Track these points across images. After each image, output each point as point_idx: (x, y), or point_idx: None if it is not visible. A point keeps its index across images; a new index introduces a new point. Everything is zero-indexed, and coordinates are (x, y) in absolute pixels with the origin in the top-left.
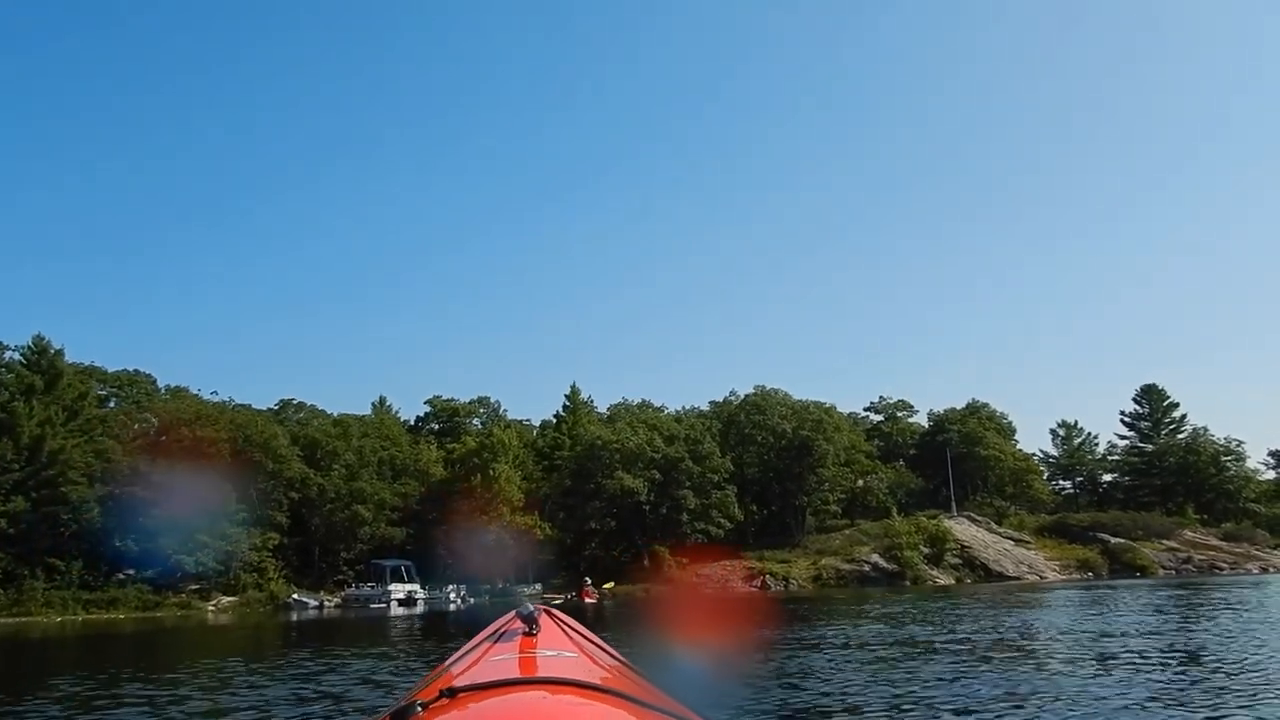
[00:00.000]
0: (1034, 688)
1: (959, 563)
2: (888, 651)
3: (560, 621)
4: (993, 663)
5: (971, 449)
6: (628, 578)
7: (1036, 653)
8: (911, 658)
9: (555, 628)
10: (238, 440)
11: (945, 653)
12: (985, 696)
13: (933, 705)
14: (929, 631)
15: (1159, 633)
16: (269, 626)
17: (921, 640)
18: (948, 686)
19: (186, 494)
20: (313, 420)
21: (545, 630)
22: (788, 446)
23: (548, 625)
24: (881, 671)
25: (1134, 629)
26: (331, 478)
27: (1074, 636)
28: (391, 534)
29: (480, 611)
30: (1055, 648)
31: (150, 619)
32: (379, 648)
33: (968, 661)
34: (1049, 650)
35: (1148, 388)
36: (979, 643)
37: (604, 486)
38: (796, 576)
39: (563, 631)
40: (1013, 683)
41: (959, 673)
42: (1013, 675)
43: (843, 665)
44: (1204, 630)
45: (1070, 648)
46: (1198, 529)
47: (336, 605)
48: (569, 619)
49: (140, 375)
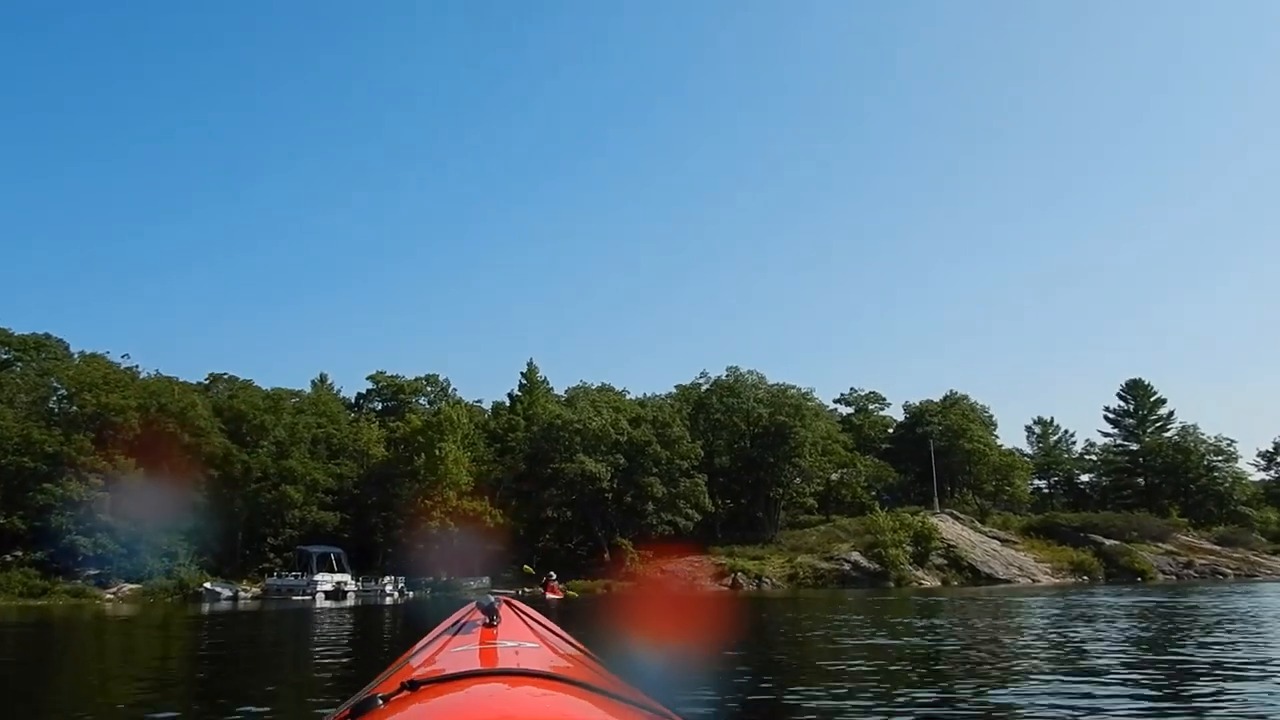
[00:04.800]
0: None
1: (944, 563)
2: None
3: (521, 613)
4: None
5: (954, 442)
6: (586, 573)
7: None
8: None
9: (516, 619)
10: (150, 409)
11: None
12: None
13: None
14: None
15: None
16: (169, 620)
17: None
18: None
19: (87, 467)
20: (241, 393)
21: (506, 621)
22: (762, 433)
23: (508, 616)
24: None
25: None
26: (258, 455)
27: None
28: (324, 519)
29: (420, 608)
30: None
31: (35, 608)
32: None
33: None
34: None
35: (1133, 383)
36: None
37: (563, 471)
38: (770, 575)
39: (524, 623)
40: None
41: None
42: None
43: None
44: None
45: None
46: (1189, 532)
47: (255, 596)
48: (530, 610)
49: (50, 339)
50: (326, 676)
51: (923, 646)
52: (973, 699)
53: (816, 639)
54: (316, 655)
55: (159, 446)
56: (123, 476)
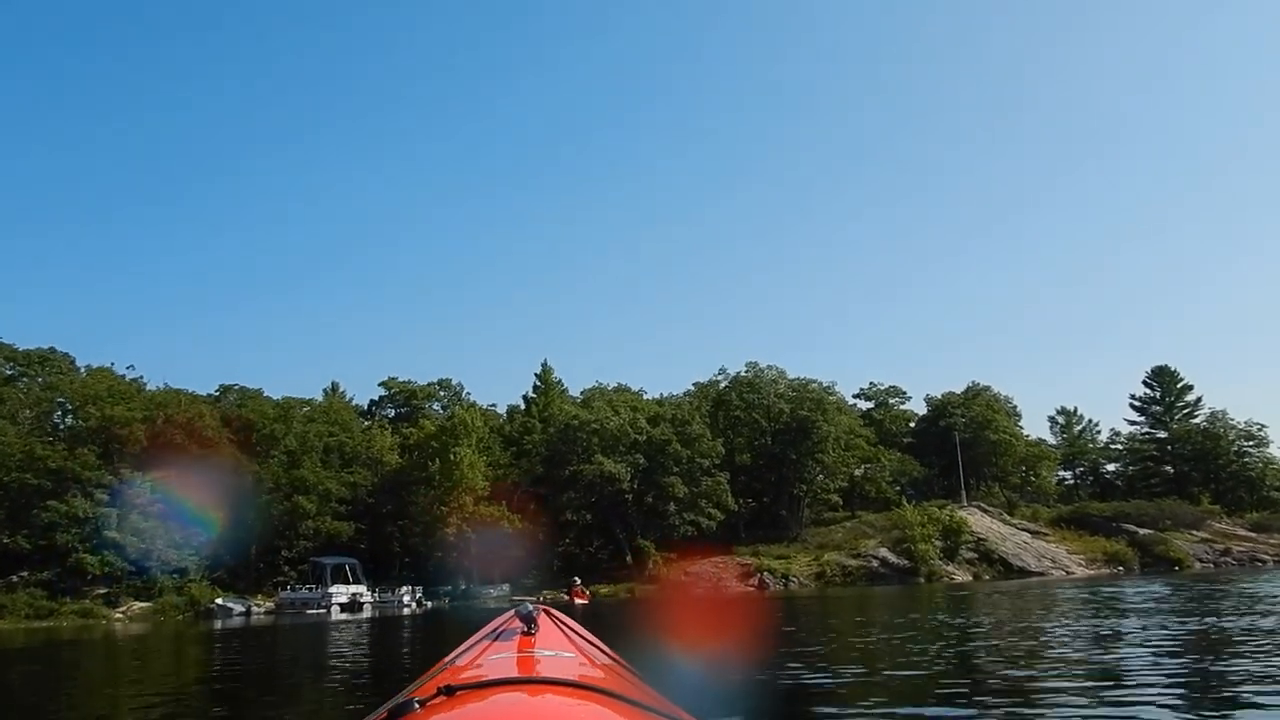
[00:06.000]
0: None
1: (975, 557)
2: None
3: (559, 622)
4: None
5: (979, 434)
6: (608, 577)
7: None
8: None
9: (554, 628)
10: (156, 420)
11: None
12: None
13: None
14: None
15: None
16: (180, 638)
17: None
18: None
19: (92, 482)
20: (250, 403)
21: (544, 630)
22: (784, 429)
23: (546, 625)
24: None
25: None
26: (269, 465)
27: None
28: (339, 529)
29: (439, 618)
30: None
31: (41, 630)
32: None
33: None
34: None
35: (1159, 369)
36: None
37: (581, 473)
38: (797, 574)
39: (561, 632)
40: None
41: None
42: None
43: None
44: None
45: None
46: (1223, 519)
47: (268, 611)
48: (568, 619)
49: (55, 353)
50: (339, 692)
51: (1010, 645)
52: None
53: (882, 646)
54: (327, 673)
55: (166, 459)
56: (129, 491)
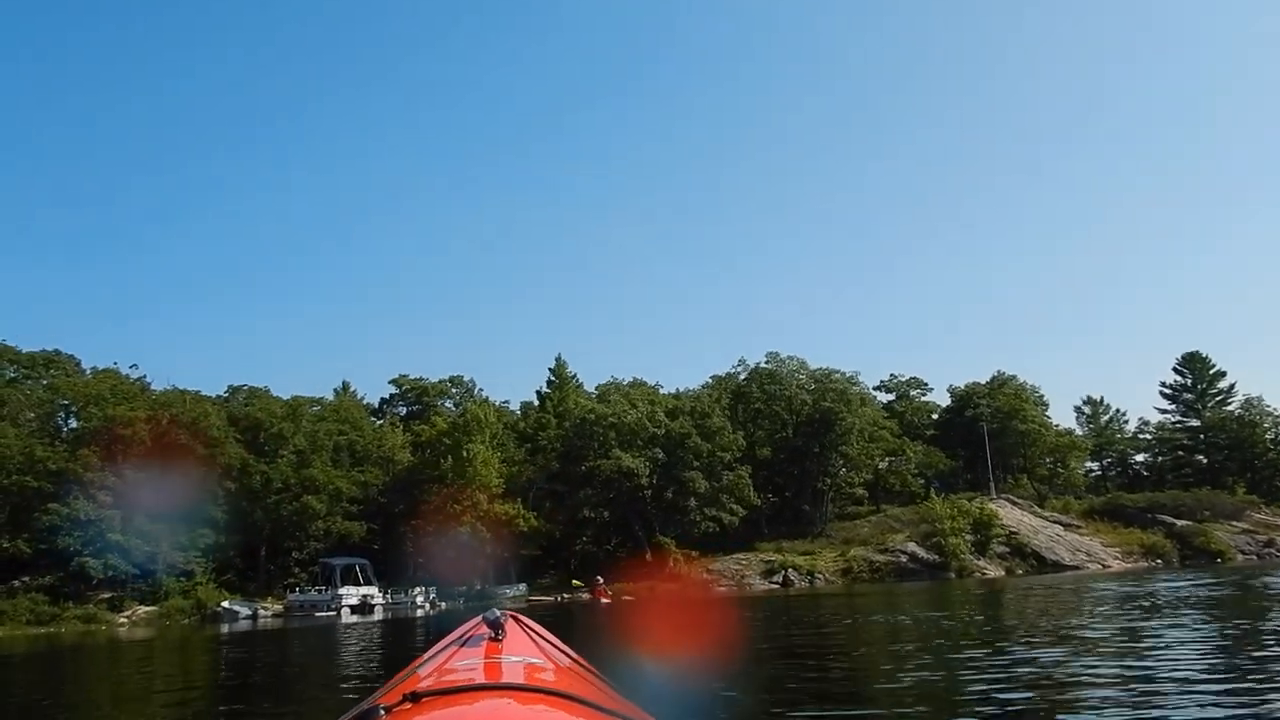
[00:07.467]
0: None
1: (1006, 551)
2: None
3: (526, 627)
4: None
5: (1006, 424)
6: (627, 575)
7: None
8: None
9: (521, 633)
10: (160, 420)
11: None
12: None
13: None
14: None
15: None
16: (188, 643)
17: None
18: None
19: (94, 484)
20: (257, 401)
21: (511, 635)
22: (806, 421)
23: (514, 630)
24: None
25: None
26: (278, 465)
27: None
28: (350, 529)
29: (452, 620)
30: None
31: (44, 635)
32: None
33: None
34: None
35: (1190, 355)
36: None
37: (598, 469)
38: (823, 570)
39: (529, 637)
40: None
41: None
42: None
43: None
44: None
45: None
46: (1262, 509)
47: (276, 614)
48: (535, 625)
49: (60, 355)
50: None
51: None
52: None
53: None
54: (319, 679)
55: (171, 460)
56: (133, 492)
